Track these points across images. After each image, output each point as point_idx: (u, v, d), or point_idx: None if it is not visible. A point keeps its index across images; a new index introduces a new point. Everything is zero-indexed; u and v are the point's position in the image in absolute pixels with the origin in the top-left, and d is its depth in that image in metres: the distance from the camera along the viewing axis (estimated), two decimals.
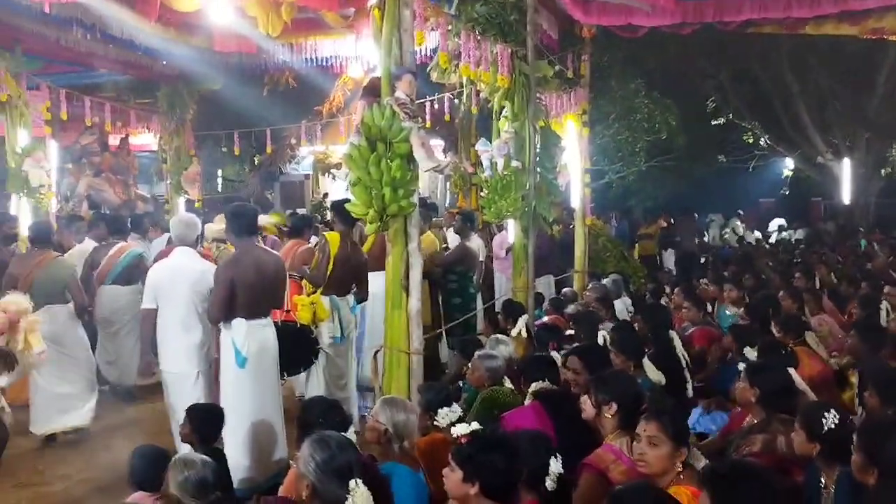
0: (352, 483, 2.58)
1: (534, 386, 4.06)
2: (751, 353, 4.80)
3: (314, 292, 5.56)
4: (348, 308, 5.78)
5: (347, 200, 6.08)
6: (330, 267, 5.64)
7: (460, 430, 2.70)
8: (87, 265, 6.77)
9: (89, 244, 7.18)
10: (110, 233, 7.19)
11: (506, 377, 4.63)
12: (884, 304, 5.95)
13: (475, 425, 2.77)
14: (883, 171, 18.17)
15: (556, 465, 2.80)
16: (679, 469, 2.80)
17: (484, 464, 2.60)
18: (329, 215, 6.02)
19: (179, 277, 4.97)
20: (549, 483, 2.78)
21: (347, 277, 5.76)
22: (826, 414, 2.95)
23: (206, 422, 3.99)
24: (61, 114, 8.96)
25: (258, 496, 3.37)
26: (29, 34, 8.14)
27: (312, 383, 5.68)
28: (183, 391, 4.90)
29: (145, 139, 12.92)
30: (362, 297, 5.93)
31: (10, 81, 7.82)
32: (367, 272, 5.88)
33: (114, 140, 11.77)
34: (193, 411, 4.07)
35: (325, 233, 6.05)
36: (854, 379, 4.43)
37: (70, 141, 11.24)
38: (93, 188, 10.83)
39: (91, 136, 10.78)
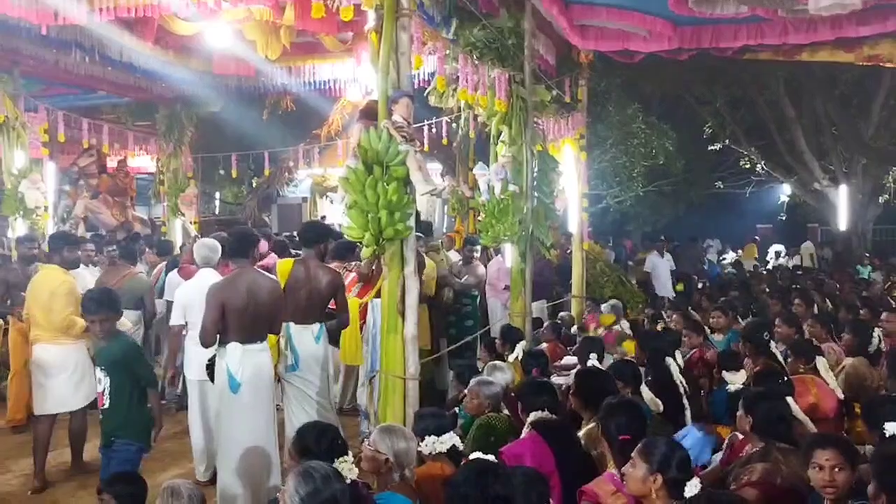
0: None
1: (532, 416, 3.98)
2: (729, 377, 4.79)
3: None
4: (311, 336, 5.24)
5: (313, 223, 6.03)
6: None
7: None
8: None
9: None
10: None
11: (503, 404, 4.58)
12: (877, 332, 5.93)
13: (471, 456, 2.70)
14: (880, 197, 18.21)
15: None
16: (654, 495, 2.81)
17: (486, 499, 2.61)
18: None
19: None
20: None
21: (308, 304, 5.23)
22: None
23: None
24: (59, 136, 8.99)
25: None
26: (28, 56, 8.19)
27: (288, 414, 5.32)
28: (204, 395, 5.32)
29: (143, 161, 12.95)
30: (342, 322, 5.47)
31: (8, 103, 7.85)
32: (342, 292, 5.41)
33: (112, 162, 11.78)
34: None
35: (278, 260, 5.82)
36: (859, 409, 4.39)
37: (68, 163, 11.25)
38: (90, 210, 10.80)
39: (89, 158, 10.79)
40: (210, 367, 4.74)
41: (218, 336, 4.59)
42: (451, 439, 3.69)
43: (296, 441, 3.38)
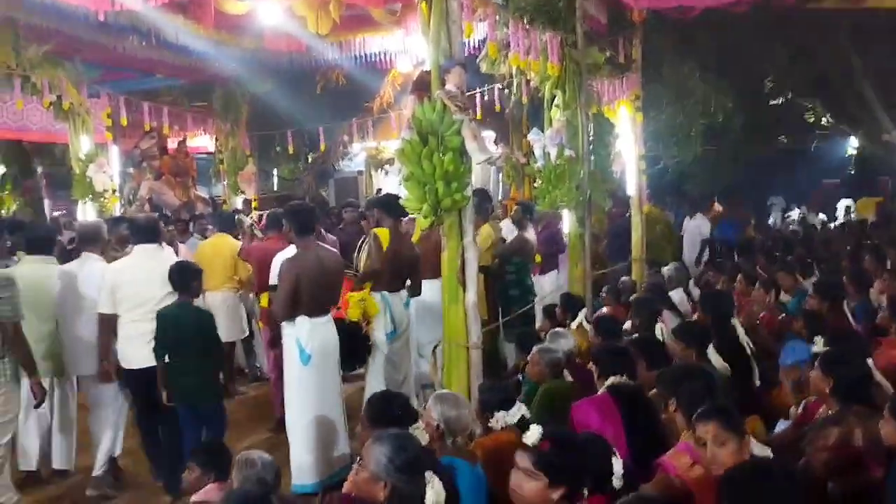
0: (427, 475, 2.59)
1: (611, 380, 3.93)
2: (820, 343, 4.67)
3: (363, 289, 5.53)
4: (401, 303, 5.72)
5: (391, 196, 6.12)
6: (382, 262, 5.53)
7: (532, 438, 2.61)
8: None
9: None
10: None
11: (566, 371, 4.57)
12: None
13: (537, 430, 2.69)
14: None
15: (618, 465, 2.75)
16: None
17: (569, 469, 2.57)
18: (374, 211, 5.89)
19: None
20: (616, 482, 2.74)
21: (399, 273, 5.68)
22: None
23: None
24: (121, 120, 9.21)
25: (324, 492, 3.39)
26: (88, 44, 8.40)
27: (370, 381, 5.60)
28: None
29: (202, 141, 13.20)
30: (416, 291, 5.85)
31: (72, 90, 8.05)
32: (419, 266, 5.78)
33: (172, 143, 12.04)
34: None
35: (374, 229, 5.94)
36: None
37: (130, 146, 11.55)
38: (154, 191, 11.10)
39: (150, 141, 11.06)
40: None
41: None
42: (519, 411, 3.71)
43: (368, 409, 3.46)
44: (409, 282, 5.83)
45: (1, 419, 4.36)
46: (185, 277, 4.77)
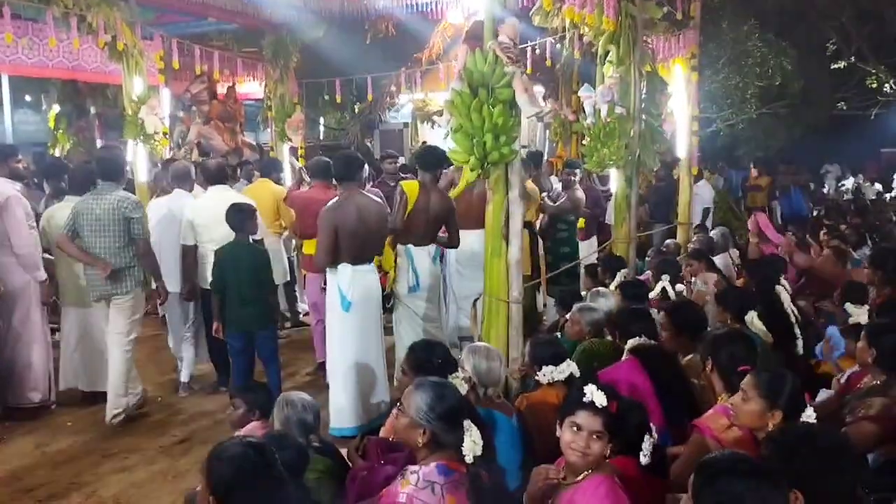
0: (466, 423, 2.63)
1: (631, 342, 3.97)
2: (852, 310, 4.59)
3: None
4: (428, 258, 5.60)
5: (428, 148, 6.10)
6: (406, 216, 5.49)
7: (600, 399, 2.63)
8: None
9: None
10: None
11: (606, 330, 4.57)
12: None
13: (599, 392, 2.71)
14: None
15: (648, 443, 2.77)
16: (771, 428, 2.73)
17: (630, 430, 2.72)
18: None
19: None
20: (646, 448, 2.76)
21: (427, 227, 5.57)
22: None
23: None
24: (173, 63, 9.27)
25: (363, 436, 3.47)
26: None
27: (398, 332, 5.62)
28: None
29: (251, 87, 13.22)
30: (453, 243, 5.79)
31: (127, 31, 8.11)
32: (453, 219, 5.69)
33: (221, 89, 12.11)
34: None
35: (402, 182, 5.91)
36: None
37: (181, 89, 11.63)
38: (203, 135, 11.19)
39: (201, 85, 11.10)
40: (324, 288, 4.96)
41: None
42: (568, 368, 3.74)
43: (409, 357, 3.52)
44: (443, 234, 5.76)
45: (133, 317, 5.36)
46: (240, 217, 5.16)
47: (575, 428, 2.59)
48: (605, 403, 2.59)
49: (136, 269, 5.34)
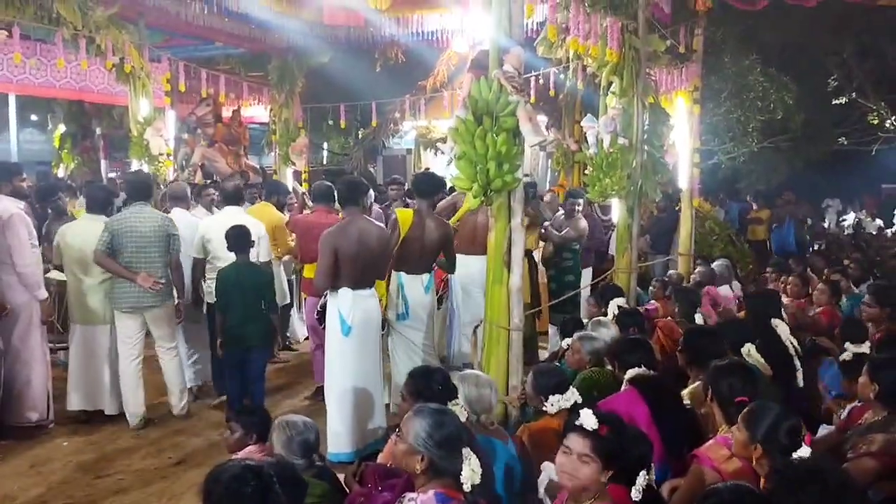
0: (465, 451, 2.61)
1: (630, 372, 3.95)
2: (853, 349, 4.57)
3: None
4: (421, 286, 5.44)
5: (425, 174, 6.11)
6: (399, 244, 5.37)
7: (590, 423, 2.62)
8: None
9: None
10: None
11: (606, 360, 4.55)
12: None
13: (591, 415, 2.70)
14: None
15: (643, 479, 2.75)
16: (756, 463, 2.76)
17: (622, 454, 2.65)
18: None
19: None
20: (635, 494, 2.73)
21: (422, 254, 5.43)
22: None
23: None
24: (180, 85, 9.37)
25: (360, 461, 3.44)
26: (152, 8, 8.55)
27: (395, 360, 5.53)
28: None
29: (256, 111, 13.35)
30: (450, 270, 5.78)
31: (135, 53, 8.21)
32: (451, 246, 5.61)
33: (226, 112, 12.21)
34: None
35: (397, 209, 5.89)
36: None
37: (186, 112, 11.72)
38: (206, 158, 11.26)
39: (206, 108, 11.20)
40: (321, 311, 4.95)
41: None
42: (573, 396, 3.72)
43: (409, 383, 3.50)
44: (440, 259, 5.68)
45: (174, 322, 5.78)
46: (242, 240, 5.36)
47: (566, 451, 2.60)
48: (594, 427, 2.58)
49: (168, 282, 5.69)
